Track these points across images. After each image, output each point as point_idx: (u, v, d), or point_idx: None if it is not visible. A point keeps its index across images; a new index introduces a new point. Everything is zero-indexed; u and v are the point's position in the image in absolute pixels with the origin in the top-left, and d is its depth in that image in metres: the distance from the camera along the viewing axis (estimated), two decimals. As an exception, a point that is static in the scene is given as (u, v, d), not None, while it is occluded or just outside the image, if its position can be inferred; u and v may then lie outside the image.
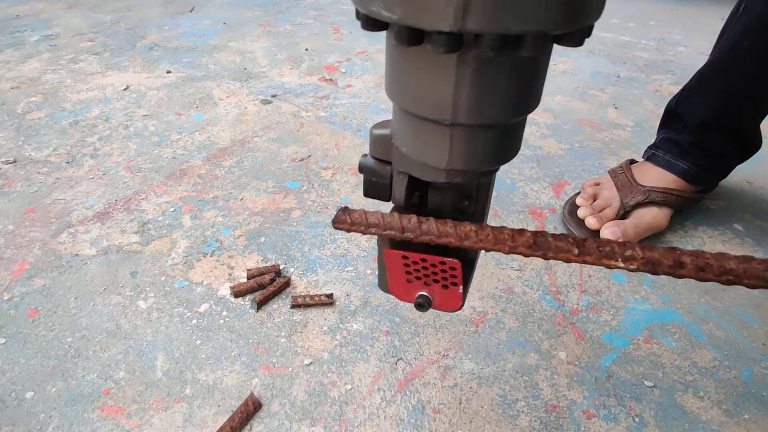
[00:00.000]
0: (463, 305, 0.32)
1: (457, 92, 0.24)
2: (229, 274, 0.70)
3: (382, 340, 0.61)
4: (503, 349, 0.60)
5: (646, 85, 1.25)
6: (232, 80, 1.27)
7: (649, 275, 0.70)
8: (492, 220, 0.80)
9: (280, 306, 0.65)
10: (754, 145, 0.77)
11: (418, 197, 0.32)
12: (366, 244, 0.75)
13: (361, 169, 0.32)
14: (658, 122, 0.84)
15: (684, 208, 0.78)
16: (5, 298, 0.66)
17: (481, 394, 0.55)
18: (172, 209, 0.82)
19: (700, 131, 0.75)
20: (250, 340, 0.61)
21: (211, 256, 0.73)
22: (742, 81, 0.69)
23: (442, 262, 0.29)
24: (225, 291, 0.67)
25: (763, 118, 0.74)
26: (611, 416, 0.53)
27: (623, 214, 0.75)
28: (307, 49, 1.46)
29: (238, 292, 0.66)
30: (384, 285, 0.34)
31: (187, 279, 0.69)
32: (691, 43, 1.51)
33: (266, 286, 0.66)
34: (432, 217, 0.28)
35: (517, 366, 0.58)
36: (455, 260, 0.29)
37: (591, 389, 0.56)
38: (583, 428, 0.52)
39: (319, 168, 0.93)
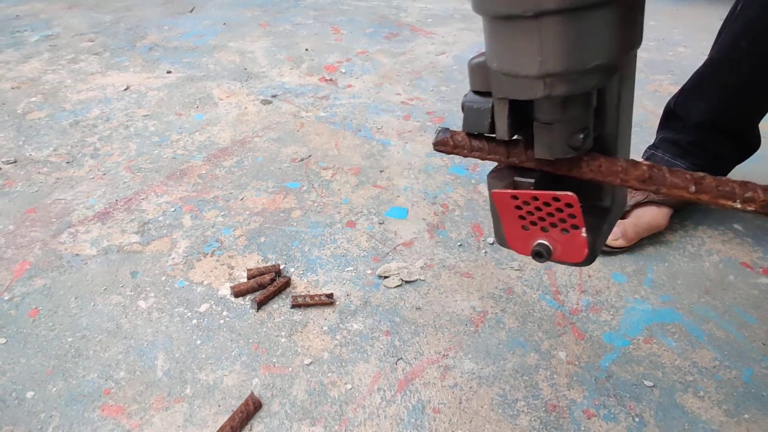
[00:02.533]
0: (590, 257, 0.27)
1: None
2: (230, 274, 0.70)
3: (382, 340, 0.61)
4: (503, 349, 0.60)
5: (646, 85, 1.25)
6: (232, 80, 1.27)
7: (649, 275, 0.70)
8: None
9: (280, 306, 0.65)
10: (753, 144, 0.77)
11: (524, 138, 0.28)
12: (366, 244, 0.75)
13: (462, 106, 0.28)
14: (658, 122, 0.84)
15: (684, 208, 0.78)
16: (6, 298, 0.66)
17: (481, 394, 0.55)
18: (173, 209, 0.82)
19: (698, 131, 0.75)
20: (251, 340, 0.61)
21: (211, 256, 0.73)
22: (740, 81, 0.69)
23: (556, 199, 0.25)
24: (225, 291, 0.67)
25: (761, 117, 0.74)
26: (611, 416, 0.53)
27: (623, 214, 0.75)
28: (307, 49, 1.46)
29: (239, 292, 0.66)
30: (501, 238, 0.30)
31: (188, 279, 0.69)
32: (691, 43, 1.51)
33: (266, 286, 0.67)
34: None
35: (517, 366, 0.58)
36: (571, 194, 0.25)
37: (591, 389, 0.56)
38: (583, 428, 0.52)
39: (319, 168, 0.93)
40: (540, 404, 0.54)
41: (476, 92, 0.28)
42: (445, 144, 0.27)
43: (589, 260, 0.27)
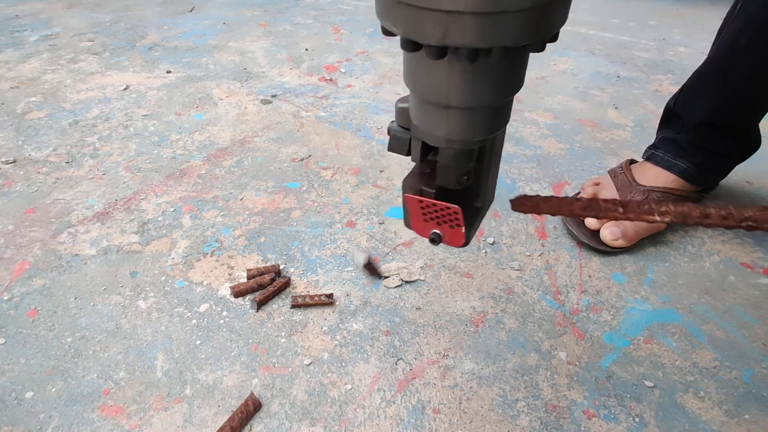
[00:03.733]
0: (466, 243, 0.40)
1: (448, 86, 0.31)
2: (229, 274, 0.70)
3: (382, 340, 0.61)
4: (503, 349, 0.60)
5: (646, 85, 1.25)
6: (232, 80, 1.27)
7: (649, 275, 0.70)
8: (492, 220, 0.80)
9: (280, 306, 0.65)
10: (754, 144, 0.77)
11: (433, 155, 0.41)
12: (366, 244, 0.75)
13: (389, 131, 0.40)
14: (658, 122, 0.84)
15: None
16: (5, 298, 0.66)
17: (481, 394, 0.55)
18: (172, 209, 0.82)
19: (699, 131, 0.75)
20: (250, 340, 0.61)
21: (211, 256, 0.73)
22: (740, 80, 0.69)
23: (448, 208, 0.37)
24: (225, 291, 0.67)
25: (761, 117, 0.74)
26: (611, 416, 0.53)
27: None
28: (307, 49, 1.46)
29: (238, 292, 0.66)
30: (407, 223, 0.42)
31: (187, 279, 0.69)
32: (691, 43, 1.51)
33: (266, 286, 0.66)
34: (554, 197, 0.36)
35: (517, 366, 0.58)
36: (457, 207, 0.37)
37: (591, 389, 0.56)
38: (583, 428, 0.52)
39: (319, 168, 0.93)
40: (540, 404, 0.54)
41: (399, 125, 0.40)
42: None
43: (465, 245, 0.40)
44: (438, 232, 0.40)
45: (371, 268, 0.47)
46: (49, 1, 1.87)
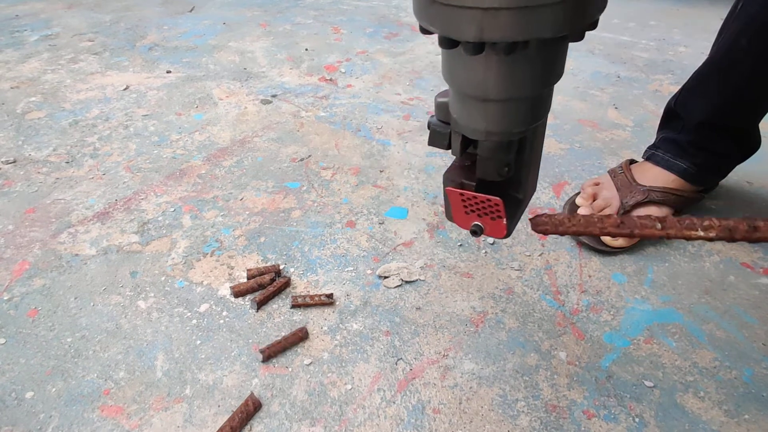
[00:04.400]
0: (509, 233, 0.40)
1: (485, 79, 0.32)
2: (229, 274, 0.70)
3: (382, 340, 0.61)
4: (503, 349, 0.60)
5: (646, 85, 1.25)
6: (232, 80, 1.27)
7: (649, 275, 0.70)
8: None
9: (280, 306, 0.65)
10: (754, 144, 0.77)
11: (473, 147, 0.41)
12: (366, 244, 0.75)
13: (429, 126, 0.41)
14: (658, 122, 0.84)
15: (684, 208, 0.78)
16: (5, 298, 0.66)
17: (481, 394, 0.55)
18: (172, 209, 0.82)
19: (699, 131, 0.75)
20: (250, 340, 0.61)
21: (211, 256, 0.73)
22: (740, 80, 0.69)
23: (488, 200, 0.38)
24: (225, 291, 0.67)
25: (762, 117, 0.74)
26: (611, 416, 0.53)
27: (623, 214, 0.75)
28: (307, 49, 1.46)
29: (238, 292, 0.66)
30: (449, 215, 0.43)
31: (187, 279, 0.69)
32: (691, 43, 1.51)
33: (266, 286, 0.66)
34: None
35: (517, 366, 0.58)
36: (498, 198, 0.37)
37: (591, 389, 0.56)
38: (583, 428, 0.52)
39: (319, 168, 0.93)
40: (540, 404, 0.54)
41: (439, 119, 0.41)
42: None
43: (507, 236, 0.40)
44: (479, 224, 0.40)
45: None
46: (49, 1, 1.87)
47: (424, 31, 0.31)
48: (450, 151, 0.41)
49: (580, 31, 0.29)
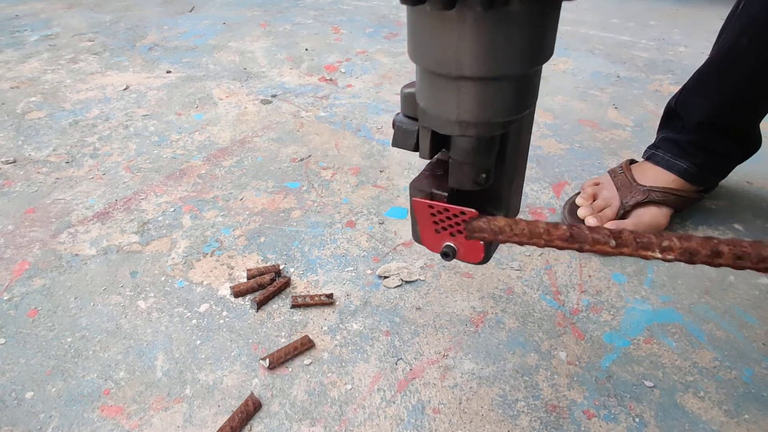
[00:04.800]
0: (487, 259, 0.33)
1: (458, 47, 0.25)
2: (229, 274, 0.70)
3: (382, 340, 0.61)
4: (503, 349, 0.60)
5: (646, 85, 1.25)
6: (232, 80, 1.27)
7: (649, 275, 0.70)
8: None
9: (280, 306, 0.65)
10: (754, 144, 0.77)
11: (445, 153, 0.34)
12: (366, 244, 0.75)
13: (393, 124, 0.35)
14: (658, 122, 0.84)
15: (684, 208, 0.78)
16: (5, 298, 0.66)
17: (481, 394, 0.55)
18: (172, 209, 0.82)
19: (699, 131, 0.75)
20: (250, 340, 0.61)
21: (211, 256, 0.73)
22: (741, 80, 0.69)
23: (463, 212, 0.31)
24: (225, 291, 0.67)
25: (762, 117, 0.74)
26: (611, 416, 0.53)
27: (623, 214, 0.75)
28: (307, 49, 1.46)
29: (238, 292, 0.66)
30: (416, 236, 0.36)
31: (187, 279, 0.69)
32: (691, 43, 1.51)
33: (266, 286, 0.66)
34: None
35: (517, 366, 0.58)
36: (474, 210, 0.31)
37: (591, 389, 0.56)
38: (583, 428, 0.52)
39: (319, 168, 0.93)
40: (540, 404, 0.54)
41: (405, 115, 0.34)
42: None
43: (484, 261, 0.34)
44: (452, 245, 0.33)
45: None
46: (49, 1, 1.87)
47: None
48: (418, 154, 0.34)
49: None
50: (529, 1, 0.23)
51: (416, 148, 0.34)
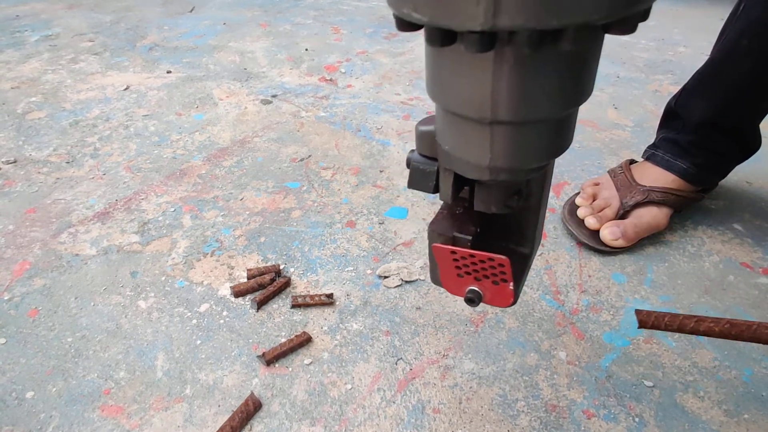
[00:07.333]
0: (515, 301, 0.31)
1: (495, 90, 0.22)
2: (229, 274, 0.70)
3: (382, 340, 0.61)
4: (503, 349, 0.60)
5: (646, 85, 1.25)
6: (232, 80, 1.27)
7: (649, 275, 0.70)
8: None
9: (280, 306, 0.65)
10: (754, 144, 0.77)
11: (468, 191, 0.31)
12: (366, 244, 0.75)
13: (408, 164, 0.31)
14: (658, 122, 0.84)
15: (683, 208, 0.78)
16: (5, 298, 0.66)
17: (481, 394, 0.55)
18: (172, 209, 0.82)
19: (699, 131, 0.75)
20: (250, 340, 0.61)
21: (211, 256, 0.73)
22: (741, 81, 0.69)
23: (491, 259, 0.29)
24: (225, 291, 0.67)
25: (762, 117, 0.74)
26: (611, 416, 0.53)
27: (623, 214, 0.75)
28: (307, 49, 1.46)
29: (238, 292, 0.66)
30: (435, 278, 0.33)
31: (187, 279, 0.69)
32: (691, 43, 1.51)
33: (266, 286, 0.67)
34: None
35: (517, 366, 0.58)
36: (504, 257, 0.28)
37: (591, 389, 0.56)
38: (583, 428, 0.52)
39: (319, 168, 0.93)
40: (540, 404, 0.54)
41: (421, 154, 0.31)
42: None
43: (514, 303, 0.31)
44: (477, 289, 0.31)
45: None
46: (49, 2, 1.87)
47: (404, 25, 0.22)
48: (438, 195, 0.31)
49: (633, 17, 0.20)
50: (581, 38, 0.20)
51: (435, 190, 0.31)
